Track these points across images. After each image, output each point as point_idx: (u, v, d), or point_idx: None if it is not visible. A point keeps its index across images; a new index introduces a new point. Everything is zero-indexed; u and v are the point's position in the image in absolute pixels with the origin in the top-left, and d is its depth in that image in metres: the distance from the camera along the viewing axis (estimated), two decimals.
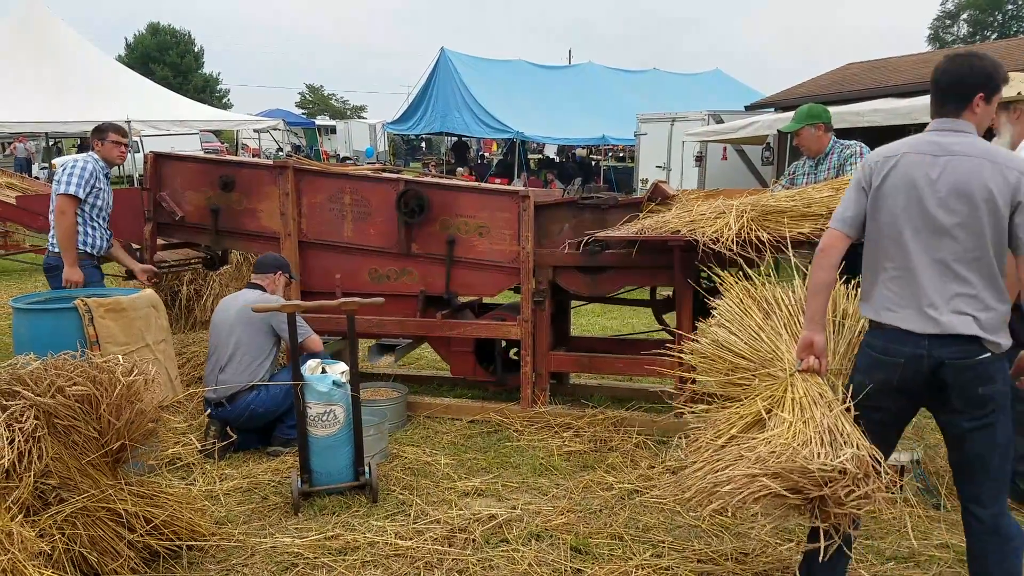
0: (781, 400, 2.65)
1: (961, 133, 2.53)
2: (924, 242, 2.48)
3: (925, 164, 2.49)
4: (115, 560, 2.88)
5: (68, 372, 2.91)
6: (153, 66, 40.32)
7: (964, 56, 2.58)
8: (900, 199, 2.51)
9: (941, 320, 2.43)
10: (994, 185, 2.41)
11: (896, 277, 2.52)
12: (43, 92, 16.08)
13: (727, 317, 3.19)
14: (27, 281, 9.96)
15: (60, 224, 4.73)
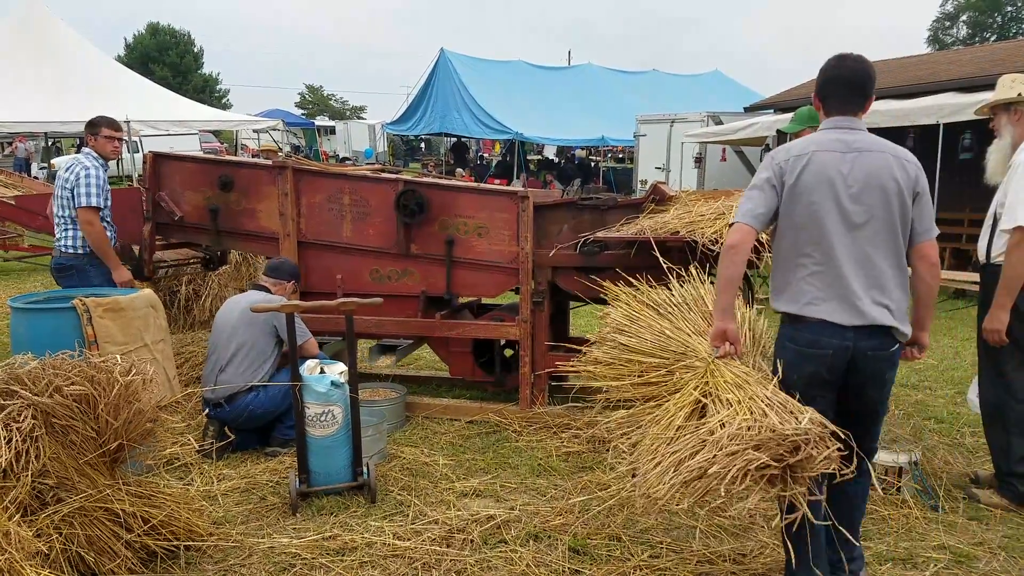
0: (713, 385, 2.72)
1: (859, 131, 2.66)
2: (844, 235, 2.57)
3: (836, 160, 2.59)
4: (112, 560, 2.87)
5: (66, 372, 2.90)
6: (153, 66, 40.34)
7: (861, 58, 2.71)
8: (816, 195, 2.59)
9: (866, 312, 2.56)
10: (900, 177, 2.57)
11: (818, 271, 2.61)
12: (43, 92, 16.07)
13: (623, 325, 3.32)
14: (25, 281, 9.95)
15: (92, 235, 4.82)
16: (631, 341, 3.24)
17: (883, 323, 2.57)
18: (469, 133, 21.85)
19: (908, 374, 5.80)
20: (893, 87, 10.92)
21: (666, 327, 3.20)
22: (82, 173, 4.81)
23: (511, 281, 4.80)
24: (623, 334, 3.30)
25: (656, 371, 3.05)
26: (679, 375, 2.95)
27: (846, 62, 2.70)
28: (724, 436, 2.47)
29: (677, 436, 2.65)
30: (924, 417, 4.80)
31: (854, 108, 2.68)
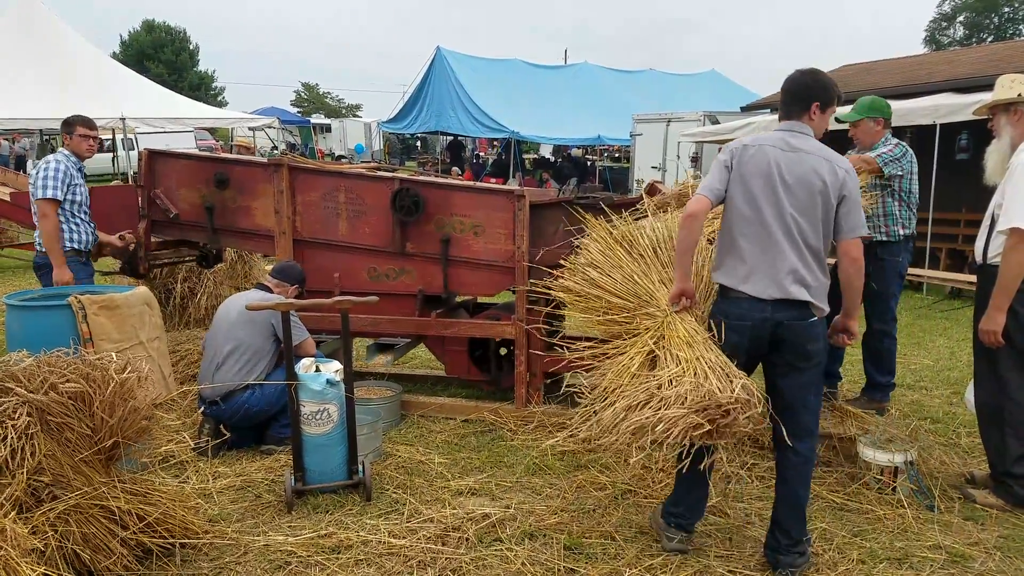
0: (668, 339, 3.08)
1: (803, 135, 3.01)
2: (775, 222, 2.93)
3: (777, 156, 2.96)
4: (108, 558, 2.86)
5: (61, 369, 2.89)
6: (148, 63, 40.21)
7: (808, 71, 3.08)
8: (755, 182, 2.96)
9: (786, 288, 2.91)
10: (828, 178, 2.91)
11: (749, 249, 2.97)
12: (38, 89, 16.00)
13: (595, 259, 3.61)
14: (21, 278, 9.92)
15: (43, 228, 4.74)
16: (601, 278, 3.53)
17: (800, 298, 2.92)
18: (465, 132, 21.83)
19: (904, 374, 5.82)
20: (890, 87, 10.94)
21: (635, 271, 3.48)
22: (43, 166, 4.81)
23: (507, 280, 4.79)
24: (595, 268, 3.58)
25: (620, 312, 3.39)
26: (639, 321, 3.29)
27: (793, 75, 3.08)
28: (672, 395, 2.83)
29: (629, 384, 3.02)
30: (920, 417, 4.81)
31: (797, 113, 3.03)
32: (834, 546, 3.27)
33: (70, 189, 4.81)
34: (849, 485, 3.81)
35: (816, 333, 2.98)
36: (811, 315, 2.95)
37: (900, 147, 4.32)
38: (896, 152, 4.30)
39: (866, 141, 4.47)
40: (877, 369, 4.56)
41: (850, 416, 4.21)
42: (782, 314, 2.93)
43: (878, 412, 4.39)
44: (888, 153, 4.29)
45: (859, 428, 4.07)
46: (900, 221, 4.38)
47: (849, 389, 4.94)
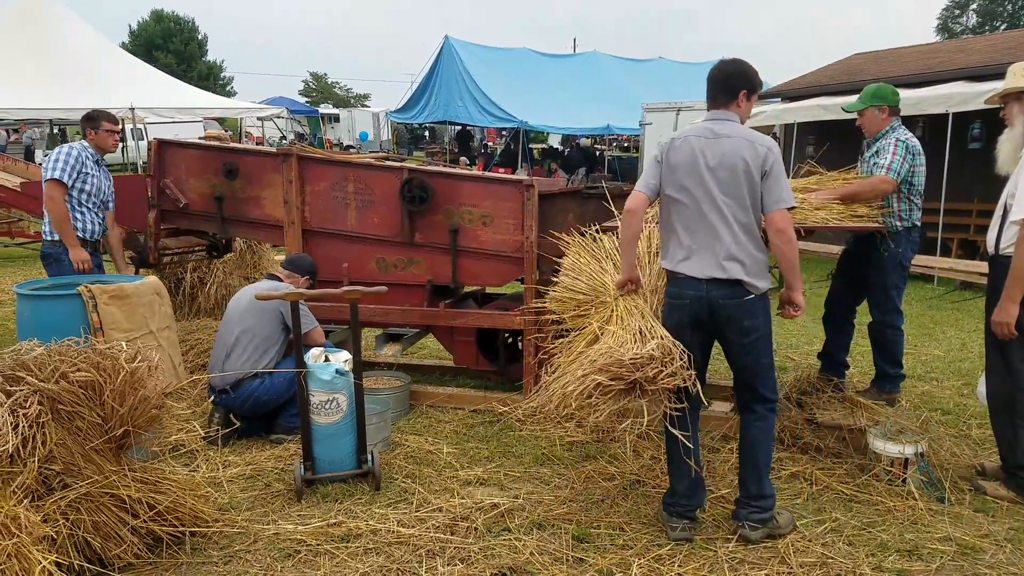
0: (610, 319, 3.43)
1: (728, 122, 3.18)
2: (705, 205, 3.11)
3: (701, 144, 3.15)
4: (119, 546, 2.88)
5: (72, 358, 2.91)
6: (157, 53, 40.24)
7: (732, 61, 3.26)
8: (683, 170, 3.16)
9: (721, 266, 3.09)
10: (748, 157, 3.06)
11: (685, 234, 3.18)
12: (47, 79, 16.06)
13: (572, 269, 4.02)
14: (31, 267, 9.98)
15: (51, 210, 4.75)
16: (572, 282, 3.93)
17: (733, 276, 3.09)
18: (473, 121, 21.75)
19: (915, 365, 5.79)
20: (902, 76, 10.84)
21: (596, 270, 3.87)
22: (55, 151, 4.82)
23: (516, 271, 4.79)
24: (568, 277, 3.99)
25: (585, 305, 3.76)
26: (596, 310, 3.64)
27: (719, 66, 3.27)
28: (587, 362, 3.15)
29: (575, 360, 3.33)
30: (931, 408, 4.78)
31: (723, 102, 3.21)
32: (844, 537, 3.26)
33: (80, 177, 4.81)
34: (859, 476, 3.79)
35: (752, 309, 3.13)
36: (746, 292, 3.11)
37: (900, 146, 4.26)
38: (899, 152, 4.25)
39: (872, 129, 4.42)
40: (884, 360, 4.55)
41: (860, 407, 4.18)
42: (716, 292, 3.11)
43: (888, 403, 4.36)
44: (895, 161, 4.23)
45: (869, 419, 4.05)
46: (898, 214, 4.34)
47: (859, 380, 4.93)
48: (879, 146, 4.34)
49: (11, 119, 22.48)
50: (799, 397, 4.29)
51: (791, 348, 6.40)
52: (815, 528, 3.33)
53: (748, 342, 3.17)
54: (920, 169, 4.33)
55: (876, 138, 4.40)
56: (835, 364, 4.66)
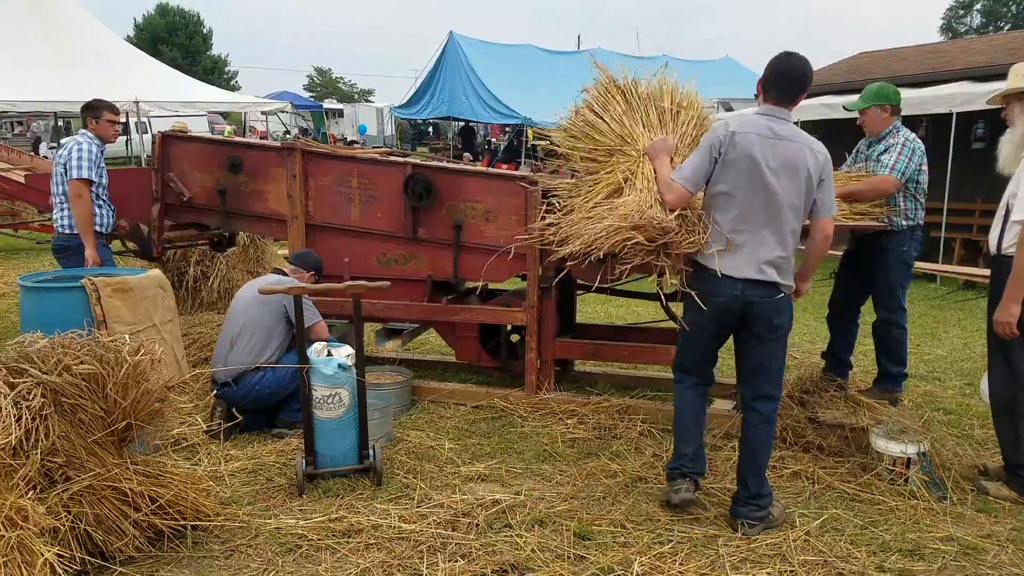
0: (635, 173, 3.52)
1: (785, 122, 3.18)
2: (756, 207, 3.12)
3: (761, 143, 3.11)
4: (120, 539, 2.88)
5: (75, 351, 2.91)
6: (162, 47, 40.22)
7: (804, 59, 3.20)
8: (743, 169, 3.12)
9: (760, 268, 3.15)
10: (811, 165, 3.11)
11: (729, 230, 3.18)
12: (53, 72, 16.04)
13: (596, 103, 4.01)
14: (35, 260, 9.99)
15: (78, 208, 4.77)
16: (594, 119, 3.95)
17: (771, 279, 3.16)
18: (477, 117, 21.70)
19: (917, 364, 5.78)
20: (906, 75, 10.81)
21: (624, 115, 3.88)
22: (75, 148, 4.83)
23: (518, 266, 4.78)
24: (592, 113, 4.00)
25: (602, 150, 3.84)
26: (616, 158, 3.73)
27: (792, 60, 3.19)
28: (617, 215, 3.37)
29: (595, 207, 3.53)
30: (933, 408, 4.78)
31: (788, 101, 3.20)
32: (846, 536, 3.25)
33: (99, 172, 4.86)
34: (861, 476, 3.79)
35: (783, 307, 3.23)
36: (779, 292, 3.19)
37: (907, 147, 4.25)
38: (906, 152, 4.24)
39: (875, 129, 4.42)
40: (887, 359, 4.54)
41: (863, 406, 4.18)
42: (752, 292, 3.16)
43: (891, 402, 4.36)
44: (900, 161, 4.22)
45: (872, 418, 4.05)
46: (903, 212, 4.34)
47: (862, 379, 4.92)
48: (886, 145, 4.33)
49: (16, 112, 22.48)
50: (802, 396, 4.29)
51: (793, 347, 6.38)
52: (816, 527, 3.33)
53: (773, 339, 3.24)
54: (924, 169, 4.33)
55: (880, 137, 4.39)
56: (839, 364, 4.65)
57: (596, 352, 4.96)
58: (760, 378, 3.30)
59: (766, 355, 3.27)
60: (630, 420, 4.47)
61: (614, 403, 4.63)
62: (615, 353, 4.95)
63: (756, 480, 3.30)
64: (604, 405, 4.61)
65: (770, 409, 3.32)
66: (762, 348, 3.26)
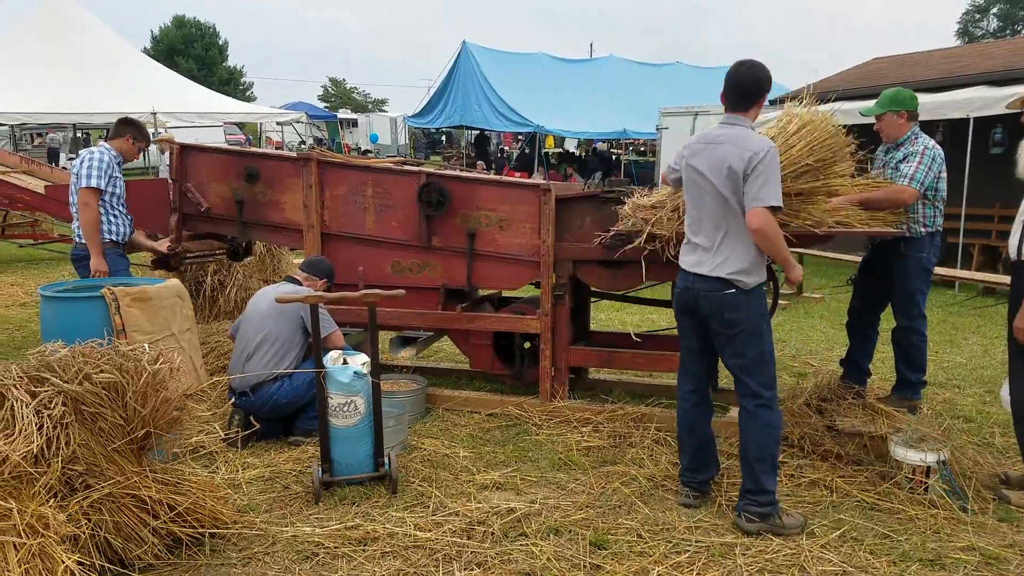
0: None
1: (735, 126, 3.35)
2: (696, 208, 3.40)
3: (701, 149, 3.39)
4: (139, 546, 2.90)
5: (95, 360, 2.93)
6: (178, 58, 40.67)
7: (753, 65, 3.37)
8: (687, 175, 3.44)
9: (703, 262, 3.35)
10: (735, 162, 3.23)
11: (688, 231, 3.48)
12: (71, 84, 16.28)
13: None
14: (55, 270, 10.10)
15: (84, 216, 4.80)
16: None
17: (712, 274, 3.32)
18: (489, 126, 21.76)
19: (936, 372, 5.73)
20: (922, 80, 10.75)
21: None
22: (87, 158, 4.88)
23: (531, 274, 4.79)
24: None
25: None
26: None
27: (741, 69, 3.36)
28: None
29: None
30: (953, 416, 4.73)
31: (740, 108, 3.36)
32: (864, 546, 3.23)
33: (111, 181, 4.89)
34: (880, 484, 3.75)
35: (734, 303, 3.31)
36: (728, 287, 3.30)
37: (927, 156, 4.23)
38: (926, 160, 4.22)
39: (891, 135, 4.39)
40: (907, 366, 4.50)
41: (881, 414, 4.15)
42: (700, 285, 3.37)
43: (910, 410, 4.32)
44: (919, 171, 4.20)
45: (890, 426, 4.01)
46: (922, 220, 4.31)
47: (880, 387, 4.88)
48: (905, 152, 4.30)
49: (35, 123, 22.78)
50: (819, 404, 4.26)
51: (810, 354, 6.35)
52: (835, 537, 3.30)
53: (732, 335, 3.34)
54: (943, 176, 4.30)
55: (898, 143, 4.36)
56: (858, 372, 4.62)
57: (610, 360, 4.94)
58: (737, 375, 3.42)
59: (731, 351, 3.39)
60: (645, 428, 4.45)
61: (629, 411, 4.62)
62: (630, 361, 4.94)
63: (750, 476, 3.38)
64: (619, 413, 4.60)
65: (753, 405, 3.38)
66: (725, 344, 3.39)
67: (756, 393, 3.38)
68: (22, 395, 2.79)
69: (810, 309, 8.23)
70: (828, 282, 9.74)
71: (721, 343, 3.42)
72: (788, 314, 7.86)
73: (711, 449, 3.67)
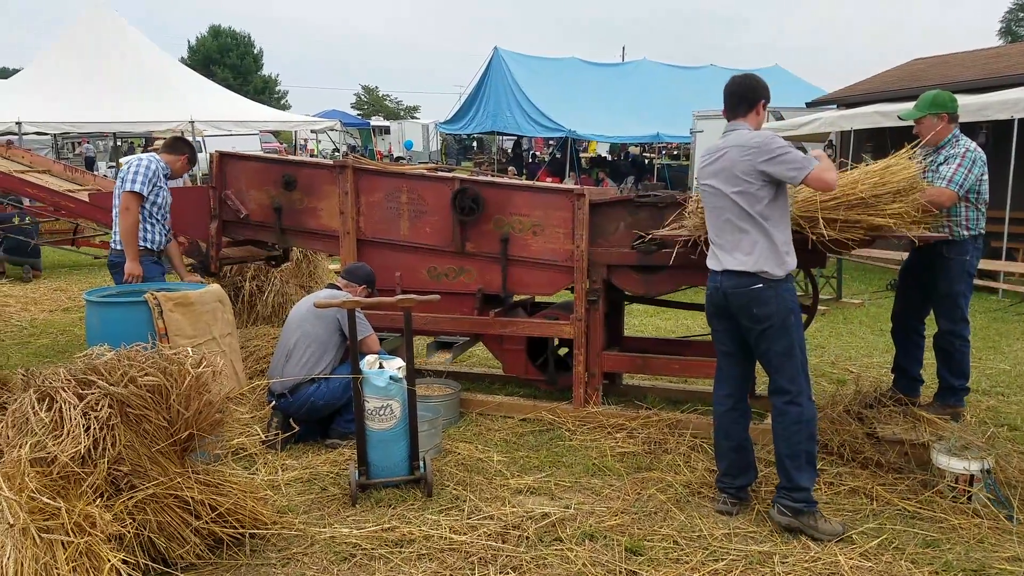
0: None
1: (734, 130, 3.46)
2: (712, 212, 3.50)
3: (708, 163, 3.50)
4: (182, 546, 2.96)
5: (140, 363, 3.01)
6: (214, 68, 41.45)
7: (747, 75, 3.55)
8: (702, 183, 3.55)
9: (730, 260, 3.41)
10: (740, 164, 3.33)
11: (710, 234, 3.56)
12: (110, 93, 16.64)
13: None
14: (96, 275, 10.34)
15: (124, 220, 4.89)
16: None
17: (736, 268, 3.38)
18: (520, 131, 21.84)
19: (980, 379, 5.61)
20: (965, 81, 10.55)
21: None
22: (135, 163, 4.96)
23: (566, 279, 4.79)
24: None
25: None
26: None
27: (733, 78, 3.53)
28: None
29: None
30: (997, 424, 4.61)
31: (740, 113, 3.48)
32: (906, 555, 3.17)
33: (154, 189, 4.98)
34: (922, 493, 3.69)
35: (762, 298, 3.34)
36: (755, 281, 3.34)
37: (968, 158, 4.15)
38: (966, 163, 4.14)
39: (931, 139, 4.31)
40: (949, 372, 4.41)
41: (923, 421, 4.07)
42: (727, 283, 3.42)
43: (953, 418, 4.24)
44: (959, 174, 4.12)
45: (932, 434, 3.94)
46: (965, 224, 4.23)
47: (923, 394, 4.79)
48: (946, 155, 4.23)
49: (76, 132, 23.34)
50: (860, 411, 4.20)
51: (849, 361, 6.26)
52: (875, 545, 3.25)
53: (762, 330, 3.38)
54: (984, 178, 4.22)
55: (939, 147, 4.29)
56: (908, 379, 4.53)
57: (644, 365, 4.92)
58: (769, 371, 3.46)
59: (763, 347, 3.42)
60: (680, 435, 4.43)
61: (664, 417, 4.59)
62: (665, 367, 4.91)
63: (783, 472, 3.42)
64: (654, 419, 4.58)
65: (782, 402, 3.41)
66: (756, 340, 3.43)
67: (784, 389, 3.41)
68: (70, 397, 2.87)
69: (849, 315, 8.11)
70: (868, 287, 9.59)
71: (754, 339, 3.45)
72: (827, 320, 7.76)
73: (748, 455, 3.64)
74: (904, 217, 3.89)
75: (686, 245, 4.19)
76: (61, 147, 25.76)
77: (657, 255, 4.49)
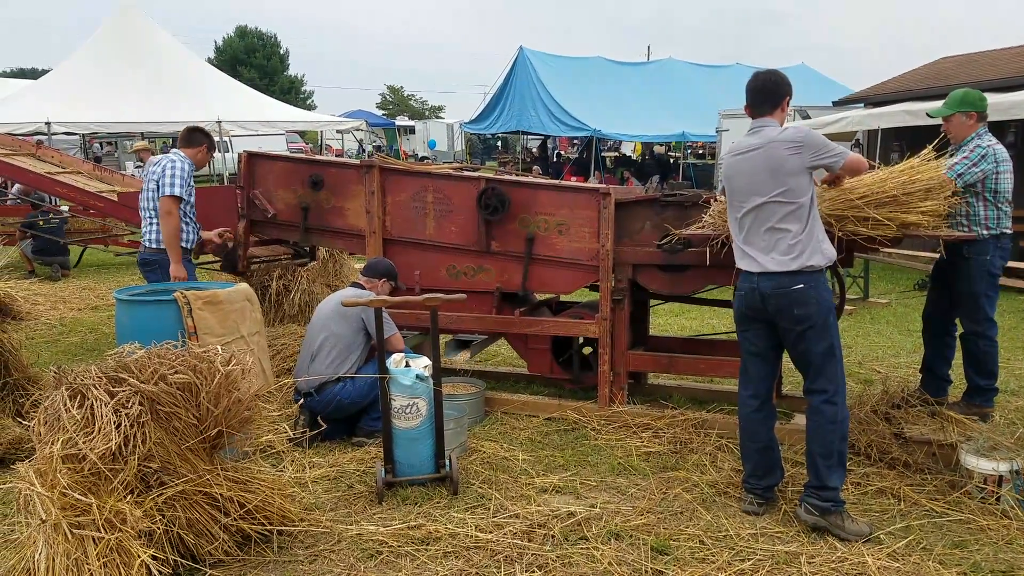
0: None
1: (762, 128, 3.43)
2: (740, 214, 3.46)
3: (736, 162, 3.46)
4: (210, 543, 2.99)
5: (170, 361, 3.04)
6: (241, 68, 41.80)
7: (770, 72, 3.52)
8: (729, 185, 3.52)
9: (768, 261, 3.36)
10: (773, 162, 3.31)
11: (737, 236, 3.53)
12: (139, 94, 16.91)
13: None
14: (125, 274, 10.50)
15: (167, 224, 4.95)
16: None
17: (774, 269, 3.33)
18: (545, 131, 21.82)
19: (1008, 379, 5.51)
20: (994, 79, 10.37)
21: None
22: (168, 165, 5.02)
23: (587, 277, 4.79)
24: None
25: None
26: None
27: (757, 75, 3.51)
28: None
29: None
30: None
31: (763, 111, 3.46)
32: (934, 556, 3.13)
33: (188, 189, 5.06)
34: (950, 494, 3.64)
35: (803, 298, 3.30)
36: (795, 282, 3.30)
37: (977, 150, 4.10)
38: (973, 156, 4.09)
39: (959, 136, 4.27)
40: (977, 372, 4.36)
41: (951, 422, 4.03)
42: (766, 284, 3.36)
43: (981, 418, 4.18)
44: (961, 162, 4.08)
45: (960, 434, 3.90)
46: (984, 223, 4.17)
47: (952, 395, 4.72)
48: (963, 150, 4.19)
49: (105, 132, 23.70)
50: (887, 411, 4.15)
51: (876, 361, 6.19)
52: (903, 546, 3.22)
53: (801, 331, 3.35)
54: (1005, 176, 4.16)
55: (961, 144, 4.25)
56: (935, 379, 4.48)
57: (670, 365, 4.91)
58: (805, 371, 3.46)
59: (801, 347, 3.39)
60: (707, 434, 4.41)
61: (690, 417, 4.57)
62: (691, 366, 4.89)
63: (813, 471, 3.40)
64: (680, 419, 4.56)
65: (819, 401, 3.40)
66: (796, 341, 3.39)
67: (822, 388, 3.39)
68: (101, 394, 2.91)
69: (876, 315, 8.01)
70: (895, 287, 9.46)
71: (792, 340, 3.41)
72: (854, 320, 7.67)
73: (774, 455, 3.61)
74: (936, 215, 3.85)
75: (715, 244, 4.16)
76: (89, 147, 26.17)
77: (683, 254, 4.47)
